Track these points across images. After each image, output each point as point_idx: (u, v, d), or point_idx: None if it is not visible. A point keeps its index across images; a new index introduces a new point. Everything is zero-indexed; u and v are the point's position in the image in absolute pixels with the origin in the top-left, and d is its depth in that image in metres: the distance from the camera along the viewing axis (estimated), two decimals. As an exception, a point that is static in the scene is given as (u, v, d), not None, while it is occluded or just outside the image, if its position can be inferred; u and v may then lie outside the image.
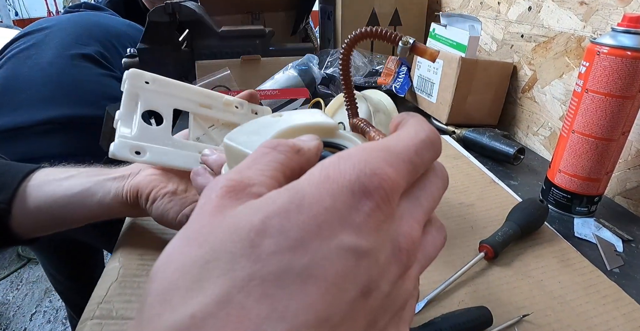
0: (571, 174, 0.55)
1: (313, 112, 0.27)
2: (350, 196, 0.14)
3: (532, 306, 0.42)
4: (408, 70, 0.99)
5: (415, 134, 0.18)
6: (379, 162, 0.15)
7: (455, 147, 0.78)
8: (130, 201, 0.43)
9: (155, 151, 0.38)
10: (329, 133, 0.26)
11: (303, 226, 0.14)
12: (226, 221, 0.14)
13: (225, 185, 0.16)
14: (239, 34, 1.06)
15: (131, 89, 0.40)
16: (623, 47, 0.47)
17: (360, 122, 0.28)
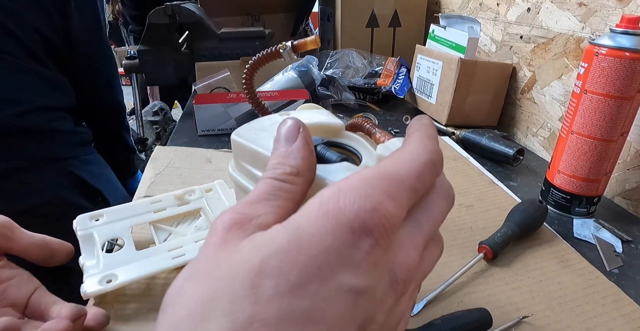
0: (570, 175, 0.55)
1: (320, 112, 0.27)
2: (350, 235, 0.14)
3: (531, 307, 0.42)
4: (407, 71, 0.99)
5: (418, 157, 0.17)
6: (379, 195, 0.15)
7: (455, 149, 0.78)
8: None
9: (125, 271, 0.40)
10: (335, 133, 0.26)
11: (302, 267, 0.14)
12: (229, 259, 0.15)
13: (232, 218, 0.16)
14: (239, 35, 1.07)
15: (83, 233, 0.43)
16: (621, 48, 0.47)
17: (365, 122, 0.29)
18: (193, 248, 0.43)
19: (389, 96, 1.01)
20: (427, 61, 0.89)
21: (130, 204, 0.49)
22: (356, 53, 1.07)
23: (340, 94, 0.95)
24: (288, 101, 0.81)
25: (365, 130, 0.27)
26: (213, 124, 0.81)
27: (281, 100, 0.81)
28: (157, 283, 0.43)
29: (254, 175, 0.24)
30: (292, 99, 0.82)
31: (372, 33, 1.15)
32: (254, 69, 0.33)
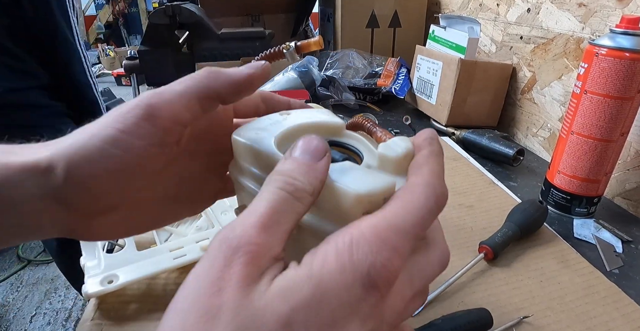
0: (570, 175, 0.56)
1: (321, 111, 0.27)
2: (362, 289, 0.16)
3: (531, 307, 0.42)
4: (407, 72, 0.99)
5: (425, 203, 0.18)
6: (388, 251, 0.16)
7: (455, 149, 0.78)
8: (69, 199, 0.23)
9: (126, 272, 0.40)
10: (335, 132, 0.26)
11: (323, 321, 0.15)
12: (254, 305, 0.15)
13: (250, 251, 0.16)
14: (239, 36, 1.07)
15: None
16: (621, 49, 0.47)
17: (366, 121, 0.28)
18: (194, 248, 0.43)
19: (389, 96, 1.01)
20: (427, 62, 0.89)
21: None
22: (356, 53, 1.07)
23: (341, 95, 0.95)
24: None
25: (365, 129, 0.27)
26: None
27: (281, 100, 0.81)
28: (158, 283, 0.43)
29: (255, 175, 0.23)
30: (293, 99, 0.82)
31: (372, 33, 1.16)
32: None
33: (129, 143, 0.21)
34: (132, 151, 0.21)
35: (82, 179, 0.21)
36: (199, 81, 0.22)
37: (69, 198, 0.21)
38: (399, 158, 0.22)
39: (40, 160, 0.21)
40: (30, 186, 0.20)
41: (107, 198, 0.22)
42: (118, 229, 0.25)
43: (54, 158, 0.21)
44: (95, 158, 0.20)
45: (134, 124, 0.21)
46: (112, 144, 0.20)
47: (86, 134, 0.21)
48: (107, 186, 0.21)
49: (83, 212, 0.22)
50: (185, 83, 0.22)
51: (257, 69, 0.23)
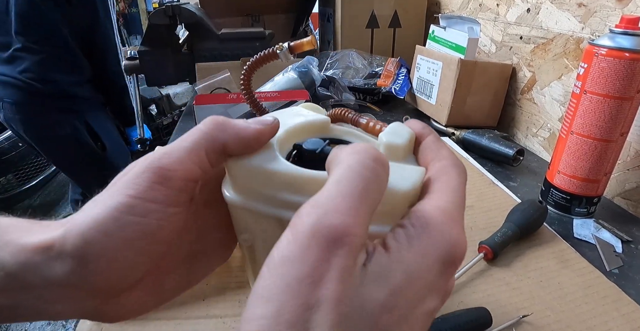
0: (570, 175, 0.56)
1: (297, 110, 0.26)
2: (441, 267, 0.17)
3: (531, 307, 0.42)
4: (407, 72, 0.99)
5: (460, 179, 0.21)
6: (458, 228, 0.18)
7: (455, 149, 0.78)
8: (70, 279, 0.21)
9: None
10: (323, 128, 0.25)
11: (413, 302, 0.17)
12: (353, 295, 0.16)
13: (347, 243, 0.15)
14: (239, 36, 1.07)
15: None
16: (621, 49, 0.47)
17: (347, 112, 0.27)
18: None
19: (389, 96, 1.02)
20: (427, 62, 0.89)
21: None
22: (356, 54, 1.07)
23: (341, 95, 0.95)
24: (288, 101, 0.81)
25: (349, 120, 0.27)
26: (213, 124, 0.81)
27: (281, 101, 0.81)
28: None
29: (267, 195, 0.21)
30: (292, 99, 0.82)
31: (372, 34, 1.16)
32: (252, 70, 0.33)
33: (144, 208, 0.20)
34: (149, 215, 0.20)
35: (100, 255, 0.19)
36: (206, 134, 0.21)
37: (88, 279, 0.20)
38: (406, 144, 0.23)
39: (54, 240, 0.20)
40: (46, 270, 0.19)
41: (130, 271, 0.21)
42: (147, 303, 0.23)
43: (68, 237, 0.19)
44: (111, 229, 0.19)
45: (147, 188, 0.20)
46: (127, 211, 0.19)
47: (98, 207, 0.20)
48: (128, 257, 0.20)
49: (106, 293, 0.21)
50: (192, 138, 0.21)
51: (266, 125, 0.22)
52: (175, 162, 0.20)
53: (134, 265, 0.21)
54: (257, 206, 0.22)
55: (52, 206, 2.33)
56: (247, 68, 0.33)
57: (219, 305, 0.42)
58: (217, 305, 0.42)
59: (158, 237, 0.21)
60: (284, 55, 0.31)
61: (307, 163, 0.23)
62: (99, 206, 0.20)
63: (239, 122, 0.22)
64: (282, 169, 0.21)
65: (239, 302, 0.42)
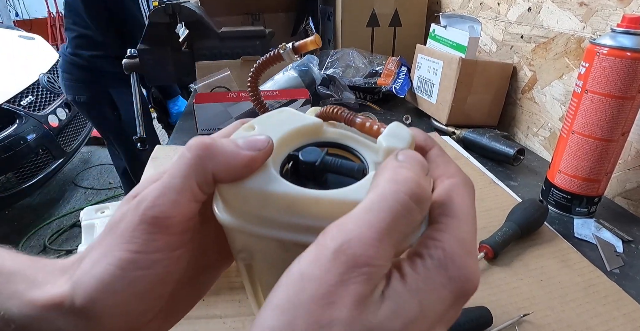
0: (571, 174, 0.55)
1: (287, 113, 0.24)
2: (454, 300, 0.17)
3: (531, 306, 0.42)
4: (408, 71, 0.99)
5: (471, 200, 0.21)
6: (474, 260, 0.18)
7: (455, 148, 0.78)
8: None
9: None
10: (316, 132, 0.24)
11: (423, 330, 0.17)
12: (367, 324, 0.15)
13: (366, 272, 0.16)
14: (239, 35, 1.06)
15: (87, 223, 0.45)
16: (622, 48, 0.47)
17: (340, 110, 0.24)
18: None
19: (389, 95, 1.01)
20: (427, 61, 0.89)
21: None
22: (357, 52, 1.07)
23: (341, 94, 0.95)
24: (288, 100, 0.81)
25: (343, 119, 0.24)
26: (213, 123, 0.81)
27: (282, 99, 0.81)
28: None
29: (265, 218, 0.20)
30: (293, 98, 0.82)
31: (373, 32, 1.15)
32: (258, 74, 0.33)
33: (148, 260, 0.19)
34: (154, 266, 0.20)
35: (110, 312, 0.19)
36: (195, 165, 0.20)
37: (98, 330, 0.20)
38: (407, 148, 0.21)
39: (64, 297, 0.20)
40: (59, 324, 0.20)
41: (143, 316, 0.21)
42: (164, 327, 0.23)
43: (76, 296, 0.19)
44: (118, 287, 0.19)
45: (147, 241, 0.19)
46: (131, 268, 0.19)
47: (100, 264, 0.19)
48: (139, 307, 0.20)
49: None
50: (181, 173, 0.20)
51: (258, 151, 0.20)
52: (171, 207, 0.19)
53: (147, 311, 0.21)
54: (255, 229, 0.20)
55: (52, 205, 2.33)
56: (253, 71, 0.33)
57: (219, 305, 0.42)
58: (217, 305, 0.42)
59: (167, 280, 0.20)
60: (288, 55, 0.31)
61: (304, 175, 0.22)
62: (101, 264, 0.19)
63: (228, 148, 0.20)
64: (280, 190, 0.19)
65: (238, 302, 0.42)
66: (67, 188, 2.52)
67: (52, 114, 2.04)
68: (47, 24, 5.09)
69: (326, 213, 0.19)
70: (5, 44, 2.37)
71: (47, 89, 2.10)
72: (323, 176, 0.22)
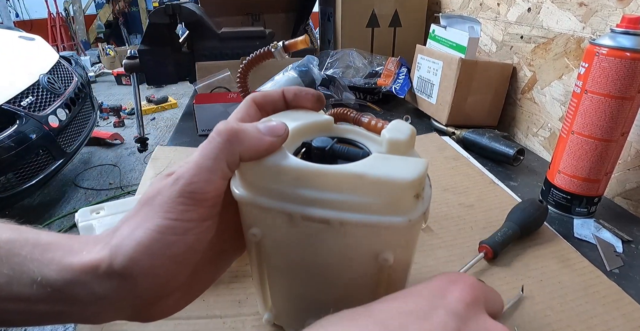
0: (571, 175, 0.55)
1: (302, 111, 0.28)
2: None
3: (531, 306, 0.42)
4: (408, 71, 0.99)
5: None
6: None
7: (455, 148, 0.78)
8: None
9: None
10: (327, 128, 0.27)
11: None
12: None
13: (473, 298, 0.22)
14: (239, 35, 1.07)
15: (84, 224, 0.45)
16: (622, 48, 0.47)
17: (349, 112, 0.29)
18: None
19: (389, 95, 1.01)
20: (427, 61, 0.89)
21: (130, 199, 0.49)
22: (356, 53, 1.07)
23: (341, 94, 0.95)
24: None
25: (351, 120, 0.28)
26: (213, 123, 0.80)
27: (282, 100, 0.81)
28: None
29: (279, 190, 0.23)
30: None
31: (373, 33, 1.15)
32: (247, 69, 0.34)
33: (183, 227, 0.22)
34: (188, 232, 0.22)
35: (147, 273, 0.21)
36: (225, 148, 0.22)
37: (135, 294, 0.22)
38: (407, 139, 0.24)
39: (101, 261, 0.21)
40: (94, 287, 0.21)
41: (173, 281, 0.23)
42: (180, 304, 0.26)
43: (115, 258, 0.21)
44: (156, 249, 0.21)
45: (184, 211, 0.22)
46: (169, 232, 0.21)
47: (140, 229, 0.22)
48: (171, 270, 0.22)
49: (149, 301, 0.23)
50: (214, 154, 0.22)
51: (278, 137, 0.23)
52: (205, 184, 0.22)
53: (177, 276, 0.23)
54: (266, 202, 0.23)
55: (52, 205, 2.33)
56: (243, 67, 0.34)
57: (219, 305, 0.42)
58: (217, 305, 0.42)
59: (197, 248, 0.23)
60: (279, 53, 0.32)
61: (315, 160, 0.24)
62: (141, 229, 0.22)
63: (253, 134, 0.23)
64: (291, 164, 0.22)
65: (238, 302, 0.42)
66: (68, 188, 2.53)
67: (52, 115, 2.04)
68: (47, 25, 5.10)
69: (331, 184, 0.22)
70: (5, 44, 2.37)
71: (47, 90, 2.10)
72: (332, 161, 0.25)
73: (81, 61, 3.20)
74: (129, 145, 3.08)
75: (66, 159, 2.12)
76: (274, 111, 0.28)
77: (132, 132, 3.27)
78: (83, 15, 5.71)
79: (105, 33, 5.96)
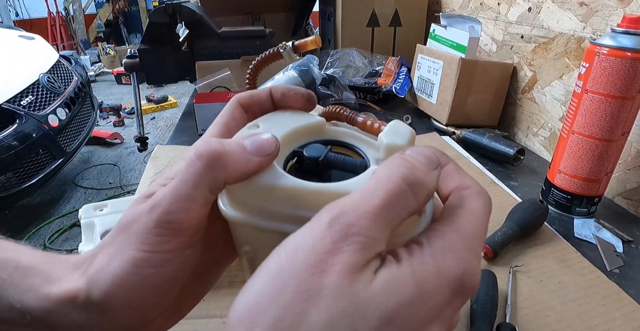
0: (571, 174, 0.55)
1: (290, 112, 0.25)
2: (451, 295, 0.16)
3: (532, 306, 0.42)
4: (408, 71, 0.99)
5: (486, 209, 0.20)
6: (476, 259, 0.17)
7: (455, 148, 0.78)
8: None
9: None
10: (319, 130, 0.24)
11: (417, 321, 0.16)
12: (357, 295, 0.15)
13: (358, 241, 0.16)
14: (239, 34, 1.07)
15: (86, 221, 0.46)
16: (623, 48, 0.47)
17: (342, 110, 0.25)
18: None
19: (389, 95, 1.01)
20: (427, 61, 0.89)
21: (132, 197, 0.49)
22: (357, 52, 1.07)
23: (341, 94, 0.95)
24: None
25: (345, 118, 0.25)
26: (213, 123, 0.81)
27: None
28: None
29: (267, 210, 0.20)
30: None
31: (373, 32, 1.15)
32: (257, 71, 0.33)
33: (161, 259, 0.20)
34: (166, 264, 0.21)
35: (125, 305, 0.20)
36: (206, 175, 0.20)
37: (114, 323, 0.21)
38: (407, 145, 0.22)
39: (79, 291, 0.21)
40: (74, 317, 0.21)
41: (155, 309, 0.22)
42: (169, 323, 0.24)
43: (92, 291, 0.20)
44: (133, 283, 0.20)
45: (161, 242, 0.20)
46: (145, 265, 0.20)
47: (115, 261, 0.20)
48: (151, 301, 0.21)
49: (132, 328, 0.22)
50: (193, 181, 0.20)
51: (266, 156, 0.20)
52: (185, 213, 0.20)
53: (160, 304, 0.22)
54: (258, 222, 0.21)
55: (52, 205, 2.33)
56: (252, 69, 0.33)
57: (219, 304, 0.42)
58: (217, 304, 0.42)
59: (179, 275, 0.21)
60: (288, 54, 0.31)
61: (308, 171, 0.22)
62: (116, 261, 0.20)
63: (239, 155, 0.20)
64: (283, 184, 0.20)
65: (239, 301, 0.42)
66: (67, 187, 2.53)
67: (52, 114, 2.04)
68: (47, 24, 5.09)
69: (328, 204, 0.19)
70: (5, 43, 2.37)
71: (47, 89, 2.10)
72: (327, 172, 0.23)
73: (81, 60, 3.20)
74: (129, 144, 3.08)
75: (66, 159, 2.12)
76: (261, 112, 0.25)
77: (132, 132, 3.27)
78: (83, 14, 5.71)
79: (105, 32, 5.96)
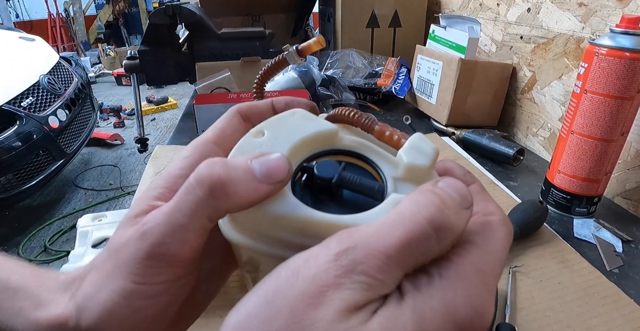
0: (570, 175, 0.55)
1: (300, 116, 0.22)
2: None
3: (531, 307, 0.42)
4: (408, 71, 0.99)
5: (506, 243, 0.18)
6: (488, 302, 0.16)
7: (455, 149, 0.78)
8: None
9: None
10: (331, 139, 0.22)
11: None
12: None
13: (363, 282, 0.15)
14: (239, 35, 1.07)
15: (82, 230, 0.46)
16: (621, 48, 0.47)
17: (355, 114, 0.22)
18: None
19: (389, 96, 1.02)
20: (427, 61, 0.89)
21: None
22: (356, 53, 1.07)
23: (341, 94, 0.95)
24: (288, 101, 0.81)
25: (359, 124, 0.22)
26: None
27: (281, 100, 0.81)
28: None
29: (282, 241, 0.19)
30: (293, 99, 0.81)
31: (373, 33, 1.16)
32: (264, 81, 0.32)
33: (154, 291, 0.19)
34: (161, 294, 0.19)
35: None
36: (206, 204, 0.18)
37: None
38: (431, 166, 0.19)
39: (68, 318, 0.19)
40: None
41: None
42: None
43: (81, 320, 0.19)
44: (123, 315, 0.19)
45: (154, 274, 0.19)
46: (135, 298, 0.19)
47: (104, 290, 0.19)
48: (146, 328, 0.20)
49: None
50: (191, 211, 0.18)
51: (277, 184, 0.18)
52: (180, 245, 0.18)
53: (154, 329, 0.20)
54: (264, 249, 0.19)
55: (52, 206, 2.34)
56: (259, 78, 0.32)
57: (219, 304, 0.42)
58: (217, 304, 0.42)
59: (174, 303, 0.20)
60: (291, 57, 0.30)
61: (318, 188, 0.20)
62: (105, 291, 0.19)
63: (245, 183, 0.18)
64: (293, 213, 0.18)
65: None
66: (68, 189, 2.53)
67: (52, 115, 2.04)
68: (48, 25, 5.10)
69: None
70: (5, 45, 2.37)
71: (47, 90, 2.10)
72: (339, 191, 0.20)
73: (81, 62, 3.20)
74: (129, 146, 3.08)
75: (66, 160, 2.12)
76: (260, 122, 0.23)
77: (132, 133, 3.27)
78: (83, 15, 5.72)
79: (106, 34, 5.97)
